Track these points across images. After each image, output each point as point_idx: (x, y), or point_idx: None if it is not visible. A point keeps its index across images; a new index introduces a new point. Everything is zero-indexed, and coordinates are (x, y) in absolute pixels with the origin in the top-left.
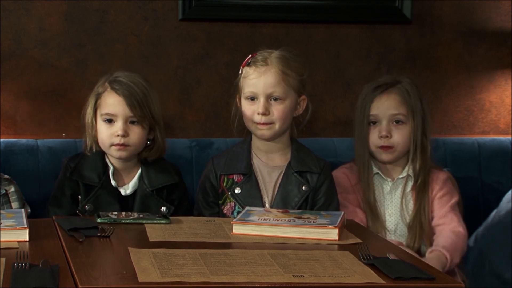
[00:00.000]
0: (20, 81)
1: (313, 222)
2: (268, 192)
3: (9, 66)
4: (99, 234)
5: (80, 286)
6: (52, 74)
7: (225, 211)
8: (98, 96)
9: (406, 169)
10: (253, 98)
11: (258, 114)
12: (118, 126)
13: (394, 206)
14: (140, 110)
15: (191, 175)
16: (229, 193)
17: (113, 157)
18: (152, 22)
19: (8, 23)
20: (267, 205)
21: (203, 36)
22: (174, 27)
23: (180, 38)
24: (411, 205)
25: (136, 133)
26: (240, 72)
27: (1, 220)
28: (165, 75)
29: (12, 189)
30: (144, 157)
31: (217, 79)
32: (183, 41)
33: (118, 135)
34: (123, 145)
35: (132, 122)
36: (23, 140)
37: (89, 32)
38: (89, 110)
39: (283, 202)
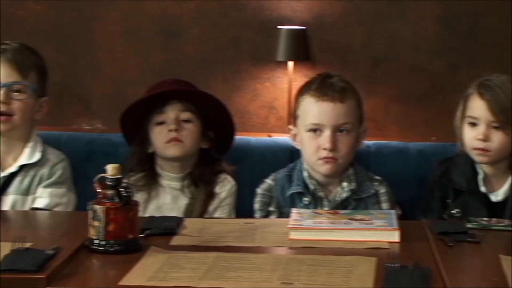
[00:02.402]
0: (392, 85)
1: None
2: None
3: (382, 70)
4: (469, 239)
5: None
6: (423, 77)
7: None
8: (466, 98)
9: None
10: None
11: None
12: (480, 130)
13: None
14: (504, 116)
15: None
16: None
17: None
18: None
19: (383, 28)
20: None
21: None
22: None
23: None
24: None
25: (498, 138)
26: None
27: (373, 220)
28: None
29: (383, 190)
30: None
31: None
32: None
33: (479, 139)
34: (483, 150)
35: (496, 128)
36: (393, 143)
37: (462, 36)
38: (458, 112)
39: None
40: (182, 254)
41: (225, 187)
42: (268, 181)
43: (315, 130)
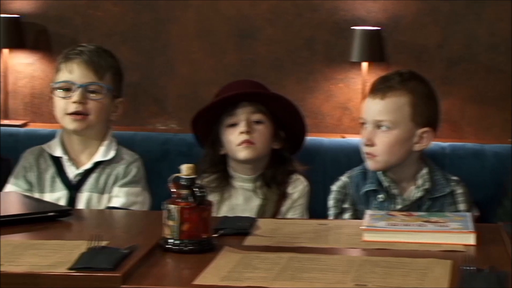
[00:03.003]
0: (468, 86)
1: None
2: None
3: (458, 71)
4: None
5: None
6: (500, 79)
7: None
8: None
9: None
10: None
11: None
12: None
13: None
14: None
15: None
16: None
17: None
18: None
19: (458, 28)
20: None
21: None
22: None
23: None
24: None
25: None
26: None
27: (449, 223)
28: None
29: (460, 190)
30: None
31: None
32: None
33: None
34: None
35: None
36: (469, 144)
37: None
38: None
39: None
40: (255, 254)
41: (298, 187)
42: (343, 178)
43: (363, 124)
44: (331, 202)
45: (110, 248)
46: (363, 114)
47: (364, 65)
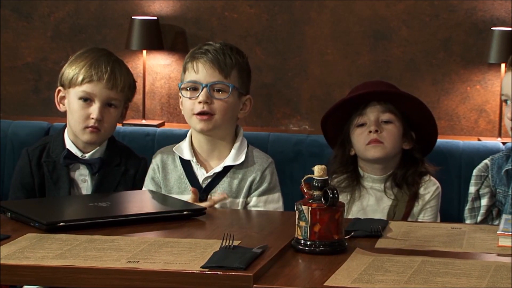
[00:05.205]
0: None
1: None
2: None
3: None
4: None
5: None
6: None
7: None
8: None
9: None
10: None
11: None
12: None
13: None
14: None
15: None
16: None
17: None
18: None
19: None
20: None
21: None
22: None
23: None
24: None
25: None
26: None
27: None
28: None
29: None
30: None
31: None
32: None
33: None
34: None
35: None
36: None
37: None
38: None
39: None
40: (387, 257)
41: (429, 189)
42: (486, 161)
43: (505, 101)
44: (471, 188)
45: (242, 247)
46: (503, 91)
47: (503, 66)
